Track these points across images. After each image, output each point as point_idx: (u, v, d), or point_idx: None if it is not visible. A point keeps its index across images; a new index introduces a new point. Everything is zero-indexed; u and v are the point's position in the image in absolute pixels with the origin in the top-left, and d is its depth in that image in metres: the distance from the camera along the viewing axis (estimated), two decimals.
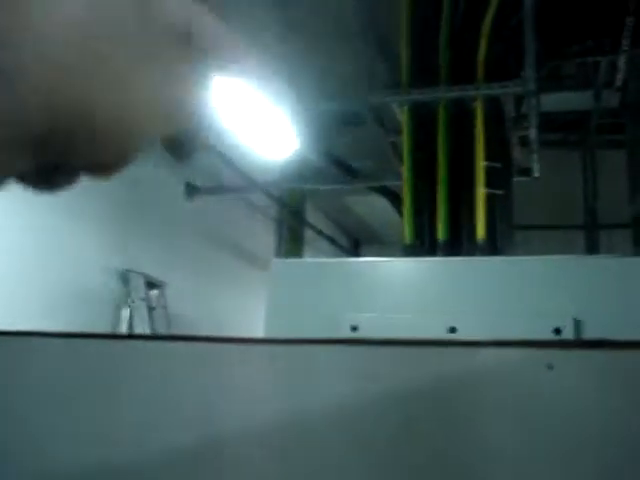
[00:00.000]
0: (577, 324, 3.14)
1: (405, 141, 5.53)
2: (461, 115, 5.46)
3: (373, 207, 9.86)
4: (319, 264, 4.25)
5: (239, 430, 1.34)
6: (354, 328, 3.43)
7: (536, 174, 6.70)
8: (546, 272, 3.52)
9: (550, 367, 1.13)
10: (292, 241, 9.20)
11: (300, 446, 1.28)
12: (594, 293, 3.29)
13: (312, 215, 9.93)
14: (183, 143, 0.62)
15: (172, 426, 1.38)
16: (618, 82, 7.02)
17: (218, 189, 8.11)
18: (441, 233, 5.26)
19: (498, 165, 5.32)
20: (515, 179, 6.60)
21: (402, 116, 5.66)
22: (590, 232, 9.43)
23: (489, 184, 5.28)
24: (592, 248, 9.26)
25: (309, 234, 9.78)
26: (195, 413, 1.38)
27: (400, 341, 1.24)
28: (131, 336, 1.48)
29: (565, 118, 9.06)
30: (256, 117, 5.66)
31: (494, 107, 5.51)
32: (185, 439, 1.36)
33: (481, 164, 5.19)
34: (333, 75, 6.16)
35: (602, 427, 1.10)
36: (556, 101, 8.33)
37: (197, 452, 1.35)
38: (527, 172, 6.83)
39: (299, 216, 9.40)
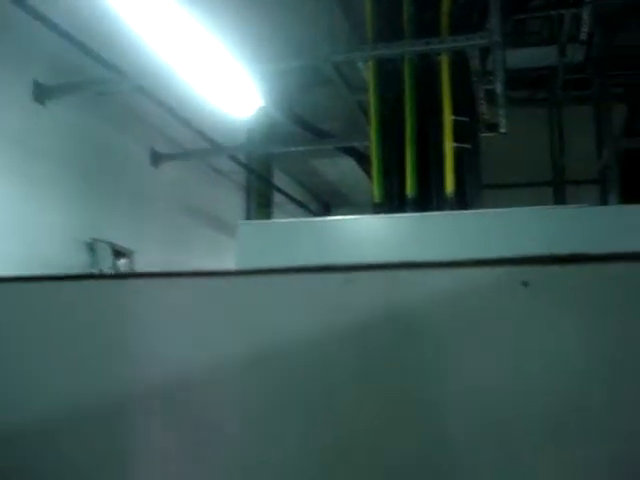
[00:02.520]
0: None
1: (371, 98, 5.47)
2: (427, 70, 5.40)
3: (341, 169, 9.82)
4: (286, 225, 4.18)
5: (209, 364, 1.31)
6: None
7: (503, 130, 6.68)
8: (515, 224, 3.50)
9: (525, 284, 1.10)
10: (261, 206, 9.12)
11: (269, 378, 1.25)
12: (563, 243, 3.28)
13: (280, 180, 9.86)
14: None
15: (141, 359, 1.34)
16: (583, 35, 7.00)
17: (183, 155, 8.00)
18: (410, 189, 5.23)
19: (466, 119, 5.28)
20: (482, 135, 6.59)
21: (367, 73, 5.59)
22: (558, 188, 9.47)
23: (457, 139, 5.25)
24: (560, 204, 9.31)
25: (278, 199, 9.71)
26: (164, 348, 1.34)
27: (376, 265, 1.21)
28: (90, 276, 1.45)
29: (531, 75, 9.06)
30: (219, 74, 5.57)
31: (460, 61, 5.46)
32: (156, 372, 1.33)
33: (449, 118, 5.16)
34: (296, 34, 6.06)
35: (577, 341, 1.08)
36: (521, 58, 8.30)
37: (167, 385, 1.31)
38: (494, 128, 6.81)
39: (267, 181, 9.32)
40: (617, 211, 4.18)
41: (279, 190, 9.70)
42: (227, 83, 5.77)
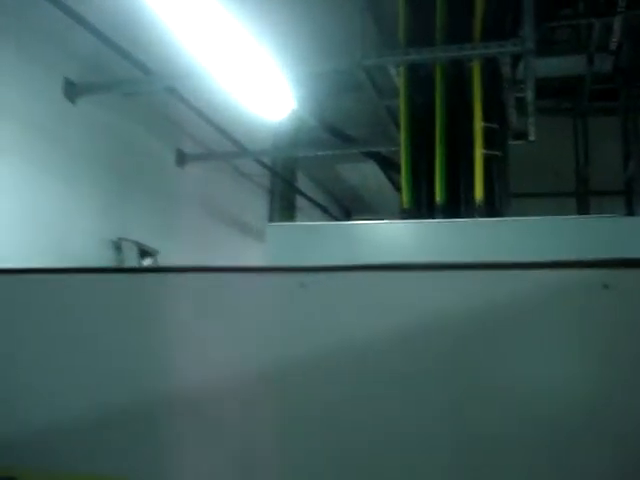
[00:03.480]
0: None
1: (402, 103, 5.47)
2: (458, 76, 5.40)
3: (364, 175, 9.81)
4: (315, 227, 4.19)
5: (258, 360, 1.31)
6: None
7: (531, 138, 6.66)
8: (545, 232, 3.49)
9: (606, 287, 1.10)
10: (284, 210, 9.13)
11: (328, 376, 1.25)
12: (590, 251, 3.27)
13: (304, 184, 9.87)
14: None
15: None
16: (612, 45, 6.96)
17: (209, 155, 8.03)
18: (439, 196, 5.22)
19: (496, 126, 5.27)
20: (510, 143, 6.56)
21: (398, 78, 5.59)
22: (581, 198, 9.43)
23: (487, 146, 5.24)
24: (583, 214, 9.25)
25: (301, 203, 9.71)
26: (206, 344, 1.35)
27: (448, 265, 1.21)
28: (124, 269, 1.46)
29: (558, 85, 9.01)
30: (253, 75, 5.59)
31: (491, 68, 5.45)
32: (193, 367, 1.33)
33: (479, 125, 5.14)
34: (328, 38, 6.07)
35: None
36: (549, 67, 8.26)
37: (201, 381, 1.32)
38: (522, 136, 6.79)
39: (291, 185, 9.34)
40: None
41: (302, 194, 9.71)
42: (260, 84, 5.79)
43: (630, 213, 7.90)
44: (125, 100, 6.60)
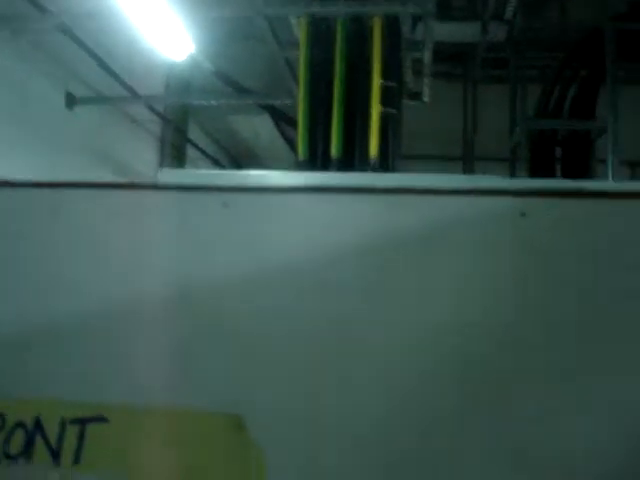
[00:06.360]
0: None
1: (301, 56, 5.44)
2: (358, 32, 5.41)
3: (258, 129, 9.75)
4: (209, 175, 4.14)
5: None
6: None
7: (425, 98, 6.78)
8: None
9: (523, 214, 1.14)
10: (174, 159, 8.97)
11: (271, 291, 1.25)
12: None
13: (195, 134, 9.71)
14: None
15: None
16: (508, 14, 7.15)
17: (99, 99, 7.77)
18: (335, 150, 5.25)
19: (394, 84, 5.33)
20: (404, 103, 6.66)
21: (299, 30, 5.55)
22: (467, 163, 9.71)
23: (384, 103, 5.29)
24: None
25: (191, 153, 9.56)
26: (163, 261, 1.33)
27: (377, 189, 1.22)
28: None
29: (451, 50, 9.19)
30: (151, 17, 5.43)
31: (392, 27, 5.49)
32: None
33: (378, 82, 5.19)
34: None
35: (575, 272, 1.13)
36: (444, 32, 8.40)
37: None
38: (417, 96, 6.91)
39: (182, 133, 9.17)
40: (524, 183, 4.35)
41: (193, 144, 9.57)
42: (157, 26, 5.63)
43: (513, 177, 8.20)
44: (13, 38, 6.28)
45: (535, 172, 7.38)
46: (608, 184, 4.25)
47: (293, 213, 1.29)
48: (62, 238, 1.35)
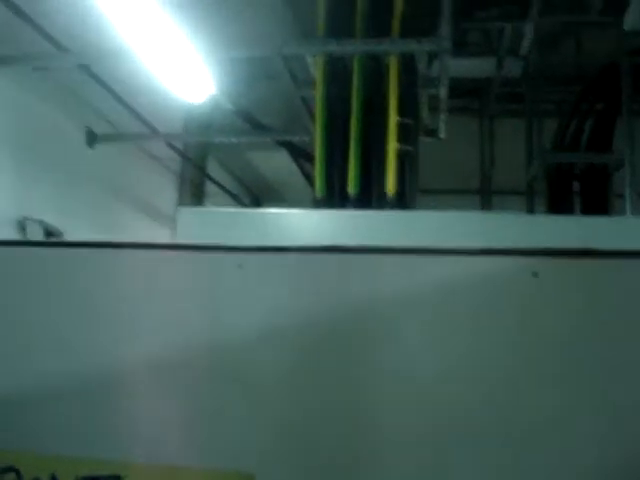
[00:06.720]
0: None
1: (318, 94, 5.51)
2: (375, 70, 5.48)
3: (276, 164, 9.83)
4: (227, 214, 4.17)
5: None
6: None
7: (442, 135, 6.82)
8: (452, 226, 3.58)
9: (535, 275, 1.16)
10: (194, 196, 9.04)
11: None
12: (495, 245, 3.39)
13: (214, 170, 9.79)
14: None
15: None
16: (523, 50, 7.20)
17: (119, 137, 7.88)
18: (352, 187, 5.29)
19: (411, 121, 5.37)
20: (420, 139, 6.70)
21: (316, 69, 5.63)
22: (485, 197, 9.72)
23: (400, 141, 5.34)
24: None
25: (211, 189, 9.64)
26: (164, 319, 1.35)
27: (384, 249, 1.24)
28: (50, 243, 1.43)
29: (467, 85, 9.26)
30: (172, 58, 5.53)
31: (408, 64, 5.55)
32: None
33: (394, 119, 5.23)
34: (247, 25, 6.06)
35: (585, 333, 1.14)
36: (460, 68, 8.47)
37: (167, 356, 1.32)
38: (432, 133, 6.95)
39: (202, 170, 9.26)
40: (543, 220, 4.36)
41: (212, 180, 9.65)
42: (178, 67, 5.73)
43: (531, 212, 8.20)
44: (35, 76, 6.40)
45: (553, 206, 7.37)
46: (627, 219, 4.26)
47: (307, 274, 1.31)
48: (77, 297, 1.38)
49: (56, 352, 1.36)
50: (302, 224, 3.80)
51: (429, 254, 1.25)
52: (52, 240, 6.47)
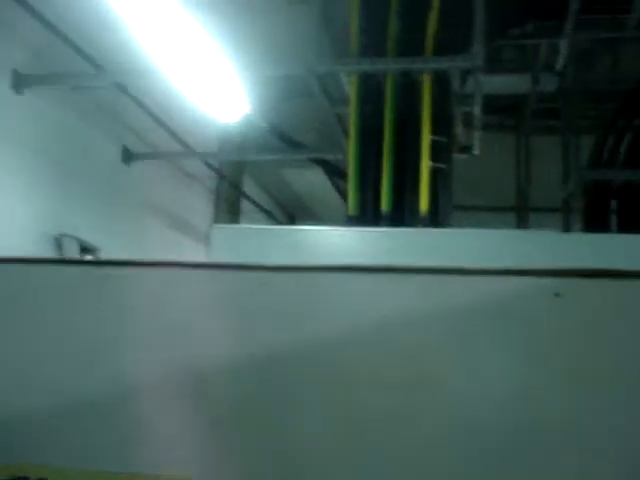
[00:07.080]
0: None
1: (352, 112, 5.54)
2: (408, 88, 5.49)
3: (310, 182, 9.86)
4: (262, 231, 4.19)
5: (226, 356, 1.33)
6: None
7: (476, 152, 6.79)
8: (486, 244, 3.56)
9: (557, 295, 1.15)
10: (229, 213, 9.12)
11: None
12: (530, 264, 3.36)
13: (249, 187, 9.87)
14: None
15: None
16: (558, 66, 7.15)
17: (156, 155, 7.98)
18: (385, 204, 5.30)
19: (444, 139, 5.37)
20: (454, 156, 6.68)
21: (350, 87, 5.65)
22: (521, 214, 9.64)
23: (434, 158, 5.33)
24: (522, 230, 9.44)
25: (246, 207, 9.71)
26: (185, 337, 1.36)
27: (402, 268, 1.24)
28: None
29: (502, 102, 9.21)
30: (207, 77, 5.59)
31: (441, 82, 5.55)
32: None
33: (428, 137, 5.23)
34: (281, 43, 6.10)
35: (608, 355, 1.13)
36: (495, 84, 8.44)
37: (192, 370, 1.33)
38: (467, 150, 6.92)
39: (237, 188, 9.33)
40: (579, 238, 4.31)
41: (247, 197, 9.71)
42: (213, 86, 5.79)
43: (567, 229, 8.12)
44: (73, 94, 6.51)
45: (590, 224, 7.28)
46: None
47: (332, 293, 1.31)
48: (103, 315, 1.39)
49: (77, 365, 1.37)
50: (335, 241, 3.80)
51: (450, 274, 1.24)
52: (84, 258, 6.55)
